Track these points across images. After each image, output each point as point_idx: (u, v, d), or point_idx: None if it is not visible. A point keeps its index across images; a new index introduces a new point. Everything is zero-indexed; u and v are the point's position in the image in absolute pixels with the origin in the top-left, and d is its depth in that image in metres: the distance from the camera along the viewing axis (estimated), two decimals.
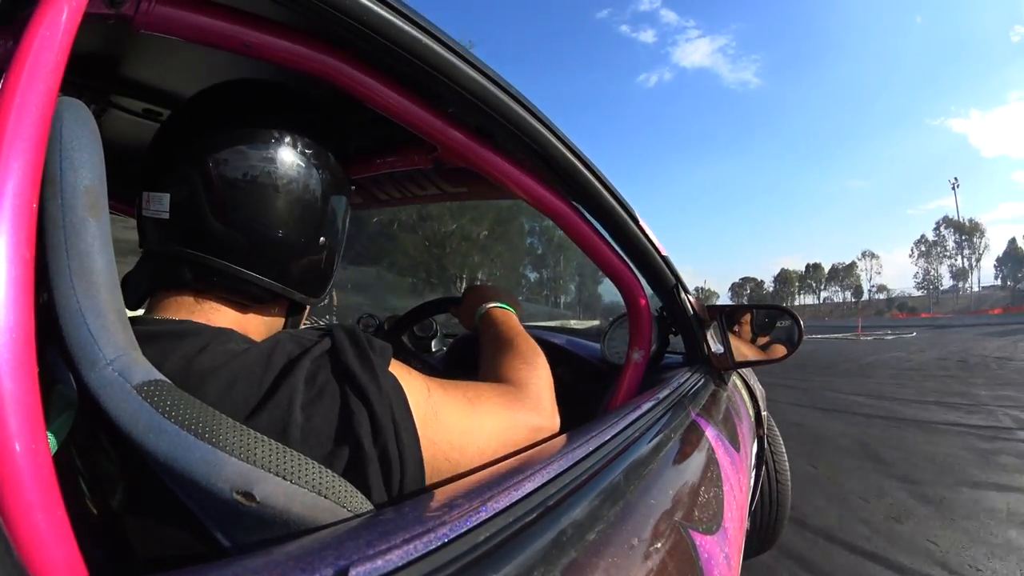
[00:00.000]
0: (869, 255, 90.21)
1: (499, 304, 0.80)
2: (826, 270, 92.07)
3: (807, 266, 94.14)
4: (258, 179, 0.46)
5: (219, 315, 0.47)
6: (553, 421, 0.59)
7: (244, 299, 0.48)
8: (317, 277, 0.53)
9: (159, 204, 0.45)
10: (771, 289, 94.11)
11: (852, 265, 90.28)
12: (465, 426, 0.46)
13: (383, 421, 0.38)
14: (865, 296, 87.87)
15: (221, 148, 0.45)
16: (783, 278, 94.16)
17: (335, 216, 0.53)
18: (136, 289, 0.47)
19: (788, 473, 1.75)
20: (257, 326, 0.50)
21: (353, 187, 0.58)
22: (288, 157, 0.48)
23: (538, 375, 0.62)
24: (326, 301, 0.56)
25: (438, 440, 0.43)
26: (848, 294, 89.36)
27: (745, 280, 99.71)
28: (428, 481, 0.42)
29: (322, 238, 0.51)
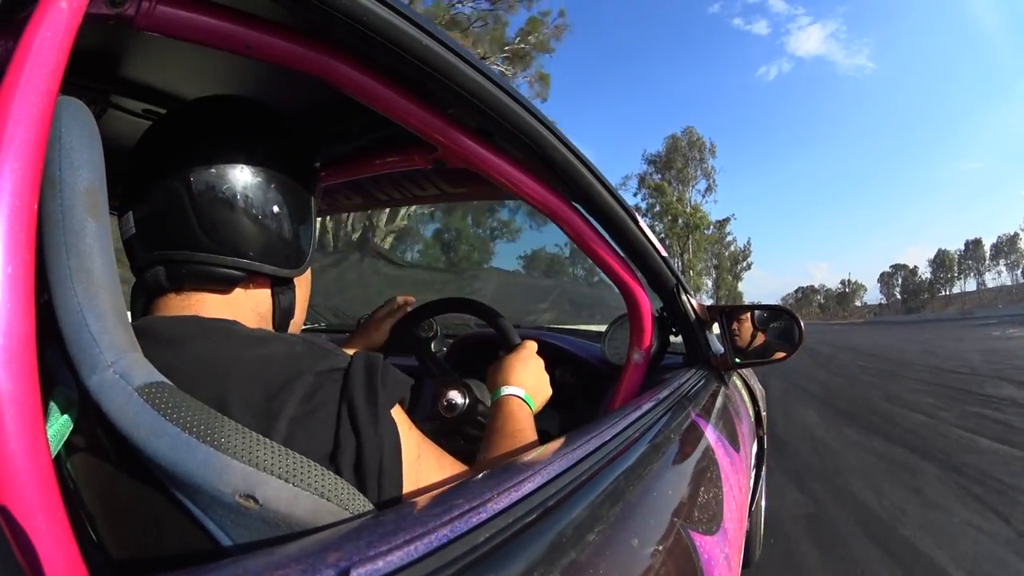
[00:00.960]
0: None
1: (519, 393, 0.74)
2: (986, 246, 79.77)
3: (966, 243, 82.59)
4: (213, 178, 0.47)
5: (205, 306, 0.47)
6: None
7: (219, 284, 0.48)
8: (283, 247, 0.51)
9: (128, 224, 0.47)
10: (927, 276, 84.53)
11: (1016, 237, 77.01)
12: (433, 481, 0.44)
13: (369, 464, 0.38)
14: None
15: (170, 147, 0.47)
16: (940, 260, 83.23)
17: (286, 187, 0.51)
18: (135, 306, 0.48)
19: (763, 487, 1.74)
20: (244, 309, 0.50)
21: (319, 168, 0.59)
22: (228, 125, 0.49)
23: None
24: (304, 273, 0.55)
25: (411, 487, 0.42)
26: (1018, 273, 77.11)
27: (896, 268, 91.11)
28: None
29: (275, 207, 0.50)
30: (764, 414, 1.57)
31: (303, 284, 0.56)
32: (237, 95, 0.54)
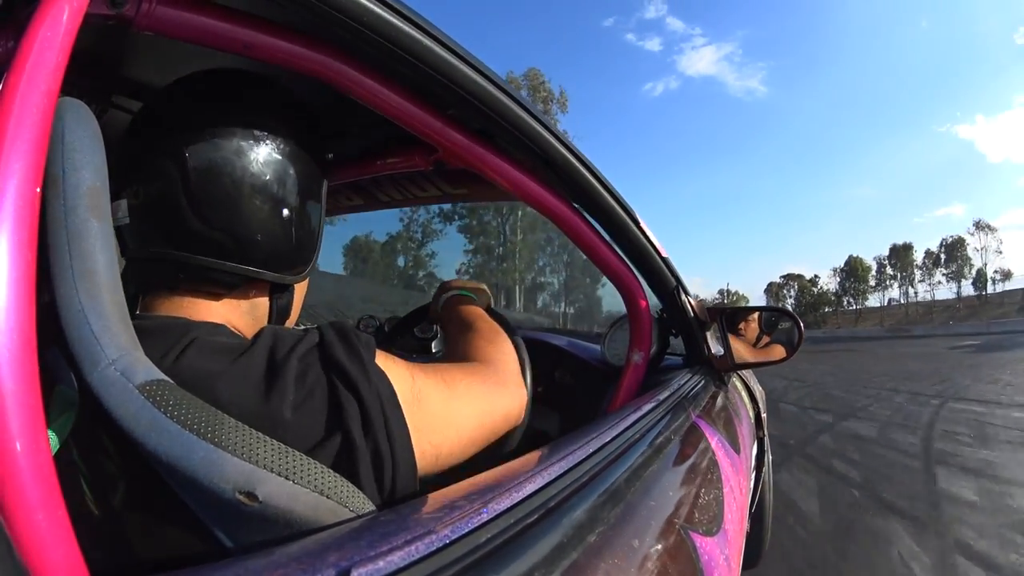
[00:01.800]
0: (984, 227, 63.02)
1: (460, 292, 0.82)
2: (917, 252, 65.42)
3: (892, 248, 68.88)
4: (217, 166, 0.45)
5: (196, 308, 0.46)
6: (521, 391, 0.60)
7: (216, 288, 0.47)
8: (287, 253, 0.49)
9: (119, 211, 0.44)
10: (831, 287, 71.84)
11: (959, 243, 63.74)
12: (444, 409, 0.46)
13: (373, 414, 0.38)
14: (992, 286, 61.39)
15: (176, 144, 0.44)
16: (851, 269, 69.61)
17: (296, 185, 0.49)
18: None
19: (771, 483, 1.74)
20: (238, 313, 0.49)
21: (330, 158, 0.57)
22: (237, 129, 0.46)
23: (500, 350, 0.63)
24: (305, 279, 0.53)
25: (422, 427, 0.43)
26: (955, 285, 63.29)
27: (788, 277, 76.68)
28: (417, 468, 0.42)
29: (284, 211, 0.48)
30: (764, 415, 1.57)
31: (301, 284, 0.55)
32: (242, 69, 0.51)
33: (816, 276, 76.90)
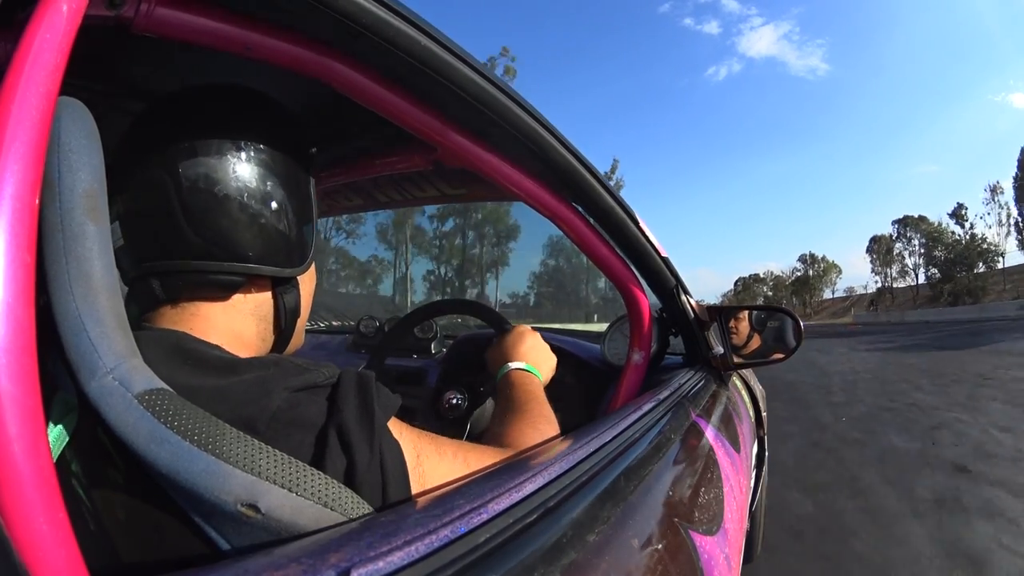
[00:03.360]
0: None
1: (523, 366, 0.76)
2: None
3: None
4: (202, 171, 0.44)
5: (198, 319, 0.45)
6: None
7: (217, 291, 0.46)
8: (283, 244, 0.48)
9: (115, 235, 0.43)
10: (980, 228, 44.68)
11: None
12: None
13: (363, 480, 0.36)
14: None
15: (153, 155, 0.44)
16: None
17: (282, 178, 0.48)
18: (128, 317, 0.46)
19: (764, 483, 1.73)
20: (243, 315, 0.48)
21: (314, 151, 0.54)
22: (220, 125, 0.46)
23: (543, 436, 0.59)
24: (305, 271, 0.52)
25: None
26: None
27: (903, 223, 52.02)
28: None
29: (272, 202, 0.47)
30: (764, 414, 1.57)
31: (307, 280, 0.54)
32: (217, 82, 0.51)
33: (962, 208, 44.35)
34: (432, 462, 0.43)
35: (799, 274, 66.33)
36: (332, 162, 0.92)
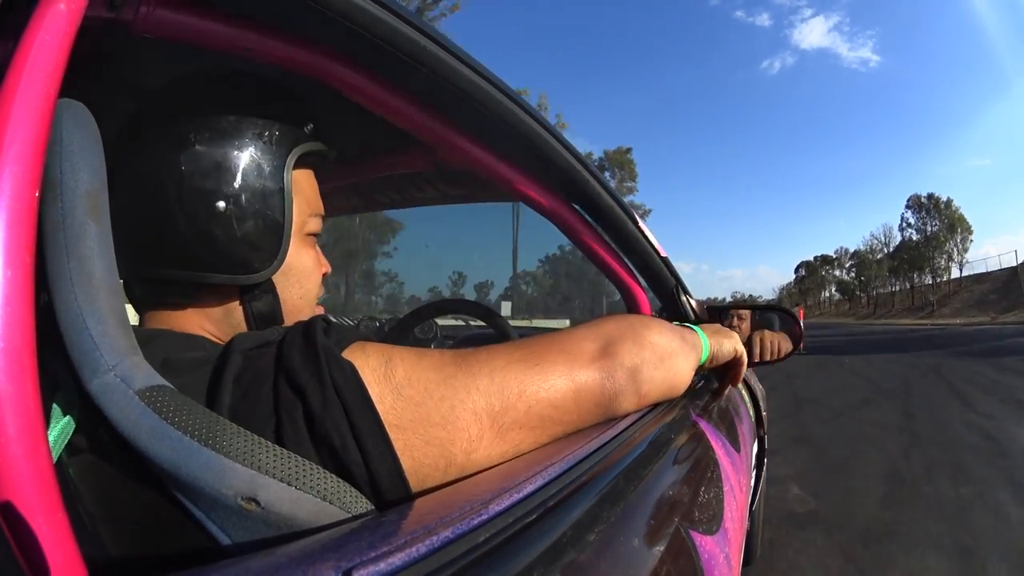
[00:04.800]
0: None
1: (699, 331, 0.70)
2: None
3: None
4: (140, 169, 0.43)
5: (174, 321, 0.46)
6: (593, 373, 0.47)
7: (176, 298, 0.46)
8: (237, 249, 0.44)
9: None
10: None
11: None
12: (436, 398, 0.37)
13: (327, 417, 0.34)
14: None
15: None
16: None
17: (238, 171, 0.44)
18: None
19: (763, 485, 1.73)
20: (212, 322, 0.47)
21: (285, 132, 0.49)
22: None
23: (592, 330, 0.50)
24: (267, 278, 0.47)
25: (405, 424, 0.36)
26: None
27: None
28: (415, 478, 0.36)
29: (219, 203, 0.43)
30: (765, 414, 1.57)
31: (295, 278, 0.50)
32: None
33: None
34: (410, 363, 0.38)
35: (910, 235, 43.95)
36: (333, 162, 0.92)
